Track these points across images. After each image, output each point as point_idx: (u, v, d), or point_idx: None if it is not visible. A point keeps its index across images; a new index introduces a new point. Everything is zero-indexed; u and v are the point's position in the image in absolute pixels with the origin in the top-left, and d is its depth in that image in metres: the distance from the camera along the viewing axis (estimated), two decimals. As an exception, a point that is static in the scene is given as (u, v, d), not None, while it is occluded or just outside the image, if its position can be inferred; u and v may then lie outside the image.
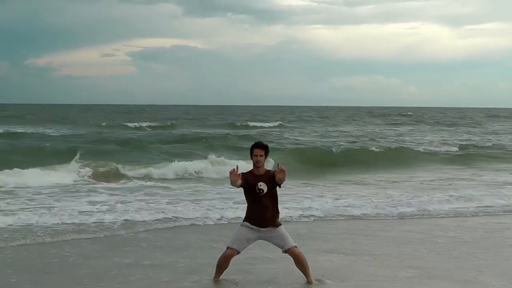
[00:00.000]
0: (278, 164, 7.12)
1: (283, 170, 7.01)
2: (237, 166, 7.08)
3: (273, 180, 7.09)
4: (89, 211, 12.11)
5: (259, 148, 7.11)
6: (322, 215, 12.56)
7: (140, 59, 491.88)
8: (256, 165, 7.11)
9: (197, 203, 13.40)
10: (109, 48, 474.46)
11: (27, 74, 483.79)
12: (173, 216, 11.96)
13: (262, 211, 7.11)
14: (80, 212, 11.94)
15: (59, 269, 8.17)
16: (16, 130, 39.62)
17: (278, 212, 7.28)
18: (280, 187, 7.20)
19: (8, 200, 13.44)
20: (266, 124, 56.51)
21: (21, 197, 13.95)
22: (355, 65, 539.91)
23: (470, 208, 13.82)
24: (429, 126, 57.94)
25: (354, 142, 34.64)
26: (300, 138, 38.15)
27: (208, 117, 74.79)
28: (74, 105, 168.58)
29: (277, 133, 43.41)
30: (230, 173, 6.97)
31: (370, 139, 37.60)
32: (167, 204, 13.22)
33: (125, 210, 12.26)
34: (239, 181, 6.98)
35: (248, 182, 7.06)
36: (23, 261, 8.56)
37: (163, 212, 12.18)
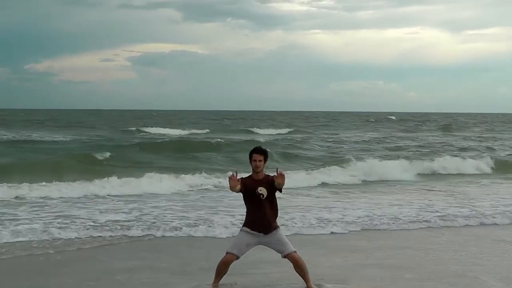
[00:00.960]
0: (277, 169, 7.09)
1: (282, 175, 7.00)
2: (236, 172, 7.07)
3: (272, 185, 7.06)
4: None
5: (258, 153, 7.10)
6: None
7: (140, 64, 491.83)
8: (255, 170, 7.10)
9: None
10: (109, 53, 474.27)
11: (26, 79, 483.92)
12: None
13: (261, 216, 7.10)
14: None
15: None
16: (63, 137, 37.80)
17: (277, 217, 7.24)
18: (281, 191, 7.15)
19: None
20: (280, 130, 53.87)
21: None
22: (355, 70, 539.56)
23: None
24: (457, 132, 54.85)
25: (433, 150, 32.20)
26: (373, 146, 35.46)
27: (220, 122, 73.45)
28: (76, 110, 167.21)
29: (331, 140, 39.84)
30: (229, 178, 6.96)
31: (428, 147, 34.66)
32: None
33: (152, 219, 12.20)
34: (238, 186, 6.97)
35: (247, 187, 7.05)
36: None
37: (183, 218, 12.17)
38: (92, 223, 11.58)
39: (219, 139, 33.58)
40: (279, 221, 7.38)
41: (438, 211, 13.49)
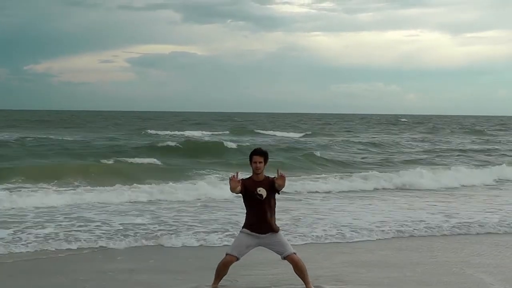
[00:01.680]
0: (278, 170, 7.10)
1: (283, 176, 7.00)
2: (237, 173, 7.09)
3: (272, 187, 7.07)
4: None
5: (258, 155, 7.11)
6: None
7: (140, 65, 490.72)
8: (256, 171, 7.11)
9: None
10: (108, 54, 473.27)
11: (26, 79, 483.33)
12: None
13: (261, 217, 7.09)
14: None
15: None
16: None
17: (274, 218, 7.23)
18: (279, 193, 7.17)
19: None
20: (296, 134, 51.16)
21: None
22: (355, 72, 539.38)
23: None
24: (487, 136, 52.81)
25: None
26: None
27: (233, 124, 72.38)
28: (78, 111, 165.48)
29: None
30: (230, 179, 6.99)
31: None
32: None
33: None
34: (239, 188, 6.98)
35: (247, 189, 7.06)
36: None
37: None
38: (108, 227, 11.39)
39: (248, 143, 32.89)
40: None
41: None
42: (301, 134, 50.31)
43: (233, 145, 31.23)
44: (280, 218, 9.80)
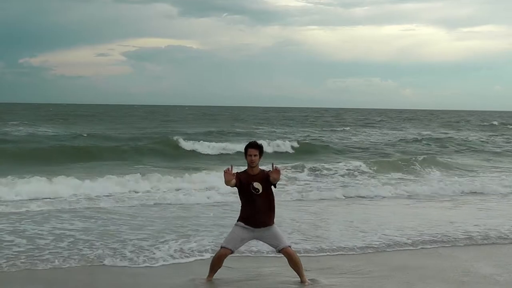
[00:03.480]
0: (272, 164, 7.10)
1: (278, 170, 6.99)
2: (231, 166, 7.09)
3: (267, 180, 7.05)
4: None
5: (253, 148, 7.10)
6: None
7: (135, 59, 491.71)
8: (250, 165, 7.10)
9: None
10: (104, 47, 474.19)
11: (21, 73, 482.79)
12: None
13: (256, 211, 7.09)
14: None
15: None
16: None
17: (274, 212, 7.21)
18: (275, 187, 7.14)
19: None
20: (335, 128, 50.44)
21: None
22: (351, 66, 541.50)
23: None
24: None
25: None
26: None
27: (249, 119, 72.05)
28: (77, 105, 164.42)
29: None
30: (225, 172, 6.97)
31: None
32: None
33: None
34: (233, 181, 6.98)
35: (242, 182, 7.05)
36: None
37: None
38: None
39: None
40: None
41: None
42: (339, 128, 49.82)
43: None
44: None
